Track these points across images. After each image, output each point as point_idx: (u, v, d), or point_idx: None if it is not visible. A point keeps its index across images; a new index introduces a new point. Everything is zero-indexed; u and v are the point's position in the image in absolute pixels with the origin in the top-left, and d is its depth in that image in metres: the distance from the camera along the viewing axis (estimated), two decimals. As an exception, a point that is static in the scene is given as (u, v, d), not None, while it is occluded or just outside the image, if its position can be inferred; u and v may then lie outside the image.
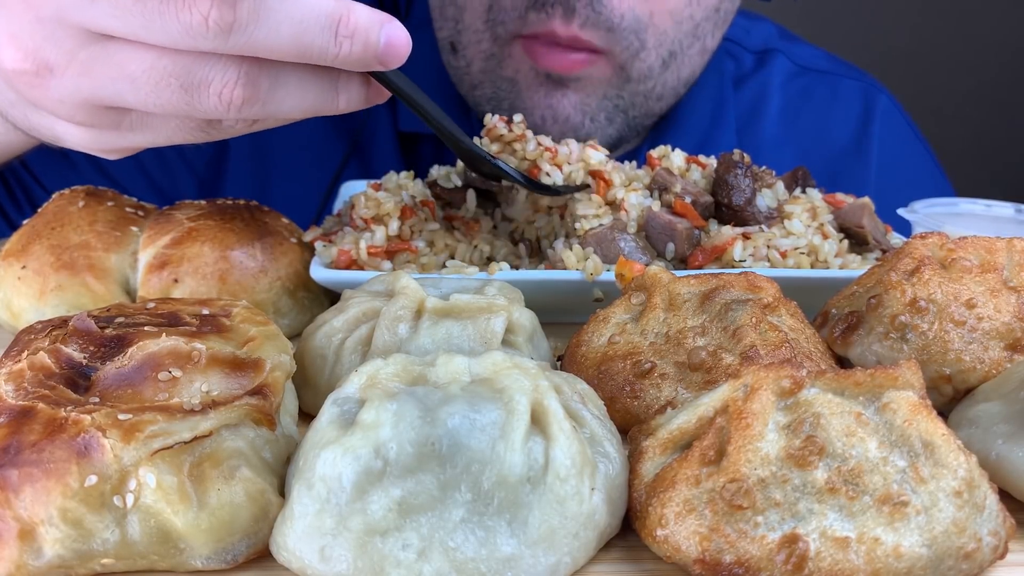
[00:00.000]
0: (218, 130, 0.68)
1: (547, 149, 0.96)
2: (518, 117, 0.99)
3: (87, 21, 0.61)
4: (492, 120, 0.99)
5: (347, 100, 0.68)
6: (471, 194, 0.98)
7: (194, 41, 0.60)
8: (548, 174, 0.94)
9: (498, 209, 1.00)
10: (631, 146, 1.40)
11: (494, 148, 0.97)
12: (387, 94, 0.72)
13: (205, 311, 0.67)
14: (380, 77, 0.70)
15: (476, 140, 0.96)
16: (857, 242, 0.97)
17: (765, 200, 0.97)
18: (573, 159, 0.96)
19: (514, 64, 1.20)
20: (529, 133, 0.98)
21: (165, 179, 1.41)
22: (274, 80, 0.64)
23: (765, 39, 1.55)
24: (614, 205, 0.95)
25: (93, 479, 0.52)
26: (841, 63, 1.58)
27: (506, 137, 0.97)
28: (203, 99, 0.62)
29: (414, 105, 0.77)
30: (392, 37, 0.64)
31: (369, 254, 0.90)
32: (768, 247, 0.92)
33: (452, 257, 0.94)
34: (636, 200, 0.95)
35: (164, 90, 0.62)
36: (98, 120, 0.67)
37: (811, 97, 1.52)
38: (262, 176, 1.41)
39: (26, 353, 0.60)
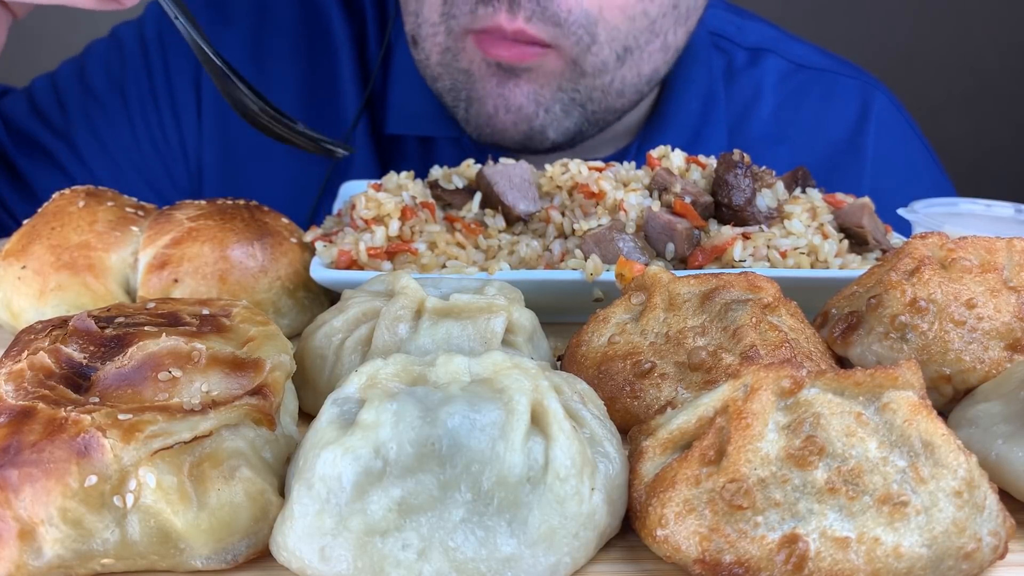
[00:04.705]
0: None
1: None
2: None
3: None
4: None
5: None
6: (478, 197, 0.98)
7: None
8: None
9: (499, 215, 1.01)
10: (621, 144, 1.40)
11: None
12: None
13: (205, 311, 0.67)
14: None
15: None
16: (857, 242, 0.97)
17: (765, 200, 0.97)
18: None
19: (468, 56, 1.21)
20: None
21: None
22: None
23: (759, 37, 1.54)
24: (613, 207, 0.95)
25: (93, 479, 0.52)
26: (838, 60, 1.57)
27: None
28: None
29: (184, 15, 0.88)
30: None
31: (369, 255, 0.90)
32: (768, 247, 0.92)
33: (453, 259, 0.94)
34: (635, 200, 0.95)
35: None
36: None
37: (807, 95, 1.51)
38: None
39: (26, 353, 0.60)
